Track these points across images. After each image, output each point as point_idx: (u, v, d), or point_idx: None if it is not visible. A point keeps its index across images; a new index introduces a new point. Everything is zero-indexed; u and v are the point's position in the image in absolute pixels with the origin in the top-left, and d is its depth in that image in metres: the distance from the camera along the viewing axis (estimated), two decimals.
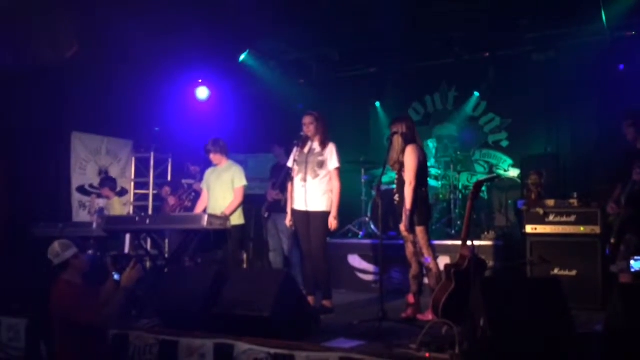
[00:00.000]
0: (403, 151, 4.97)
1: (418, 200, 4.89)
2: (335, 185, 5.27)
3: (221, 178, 5.91)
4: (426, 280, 5.11)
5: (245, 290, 4.27)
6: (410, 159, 4.90)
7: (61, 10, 5.24)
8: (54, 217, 6.69)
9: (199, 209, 5.99)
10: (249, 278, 4.59)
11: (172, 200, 7.53)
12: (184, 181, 7.81)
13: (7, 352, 4.75)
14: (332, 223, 5.22)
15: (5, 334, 4.79)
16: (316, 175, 5.25)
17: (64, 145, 8.03)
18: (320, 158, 5.28)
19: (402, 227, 4.95)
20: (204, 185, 6.11)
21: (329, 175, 5.27)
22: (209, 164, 6.17)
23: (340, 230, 7.71)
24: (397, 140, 5.02)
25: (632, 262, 4.33)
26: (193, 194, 7.30)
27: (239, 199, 5.81)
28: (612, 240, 4.66)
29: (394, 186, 5.31)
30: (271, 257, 6.63)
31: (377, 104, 9.28)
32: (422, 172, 4.99)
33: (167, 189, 7.89)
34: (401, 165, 4.99)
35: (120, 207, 7.61)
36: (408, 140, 5.00)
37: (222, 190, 5.86)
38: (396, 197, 5.10)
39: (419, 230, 4.90)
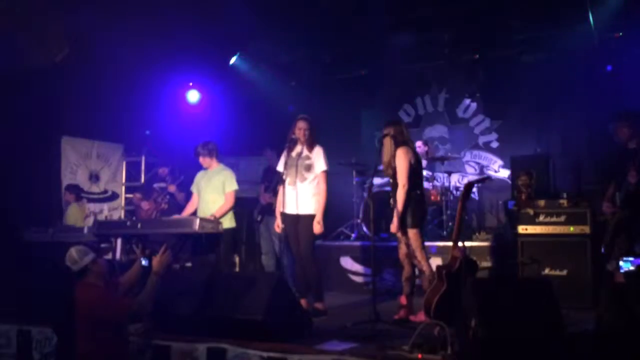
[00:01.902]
0: (395, 154, 4.98)
1: (411, 202, 4.90)
2: (322, 188, 5.27)
3: (212, 182, 5.89)
4: (419, 282, 5.14)
5: (237, 293, 4.27)
6: (401, 161, 4.92)
7: (51, 14, 5.22)
8: (44, 221, 6.66)
9: (187, 213, 5.97)
10: (241, 281, 4.58)
11: (146, 205, 7.49)
12: (155, 185, 7.77)
13: None
14: (316, 227, 5.21)
15: None
16: (304, 179, 5.26)
17: (54, 150, 7.99)
18: (307, 162, 5.28)
19: (392, 228, 4.95)
20: (193, 189, 6.08)
21: (317, 178, 5.28)
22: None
23: (332, 233, 7.73)
24: (388, 144, 5.03)
25: (621, 262, 4.37)
26: (168, 196, 7.28)
27: (230, 203, 5.80)
28: (607, 240, 4.68)
29: (387, 188, 5.33)
30: (263, 260, 6.63)
31: (366, 106, 9.32)
32: (414, 174, 5.00)
33: (137, 195, 7.84)
34: (394, 169, 5.00)
35: (76, 214, 7.40)
36: (399, 143, 5.02)
37: (213, 194, 5.84)
38: (391, 200, 5.12)
39: (412, 232, 4.91)
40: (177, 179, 7.41)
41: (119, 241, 7.07)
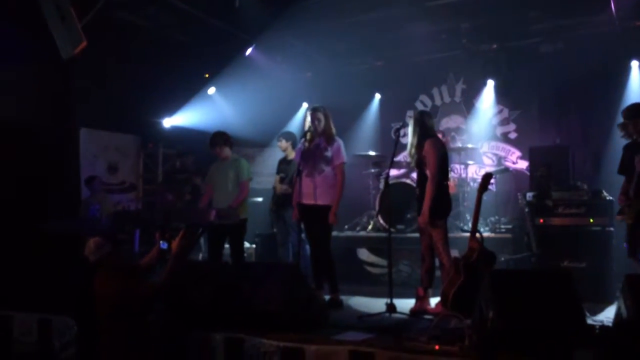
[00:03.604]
0: (420, 145, 4.95)
1: (440, 193, 4.88)
2: (339, 180, 5.27)
3: (226, 172, 5.93)
4: (439, 273, 5.12)
5: (253, 284, 4.29)
6: (430, 153, 4.88)
7: (69, 6, 5.24)
8: (63, 213, 6.72)
9: (203, 204, 6.02)
10: (258, 272, 4.60)
11: (170, 197, 7.54)
12: (179, 176, 7.80)
13: (20, 347, 4.80)
14: (331, 218, 5.22)
15: (18, 329, 4.84)
16: (322, 171, 5.26)
17: (73, 141, 8.05)
18: (326, 154, 5.28)
19: (421, 219, 4.92)
20: (209, 180, 6.12)
21: (335, 170, 5.28)
22: (205, 156, 6.17)
23: (349, 224, 7.72)
24: (413, 135, 5.02)
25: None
26: (190, 187, 7.30)
27: (245, 192, 5.84)
28: (627, 232, 4.61)
29: (404, 179, 5.29)
30: (280, 251, 6.63)
31: (383, 97, 9.29)
32: (443, 165, 4.98)
33: (161, 187, 7.89)
34: (420, 159, 4.97)
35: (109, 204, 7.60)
36: (426, 134, 4.98)
37: (227, 184, 5.88)
38: (417, 190, 5.10)
39: (438, 223, 4.89)
40: (201, 170, 7.44)
41: (136, 232, 7.14)
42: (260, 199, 7.93)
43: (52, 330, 4.67)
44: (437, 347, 3.50)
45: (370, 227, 7.54)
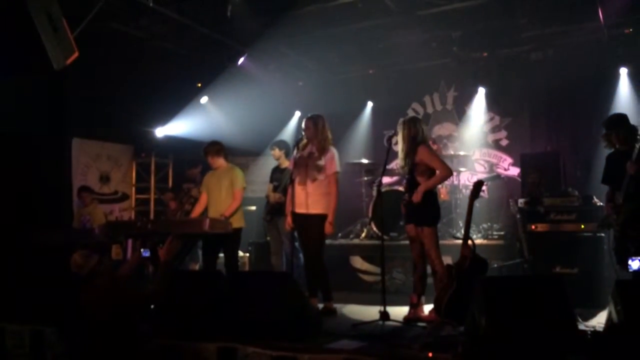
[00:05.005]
0: (412, 151, 4.96)
1: (431, 200, 4.90)
2: (333, 189, 5.28)
3: (220, 181, 5.94)
4: (431, 281, 5.13)
5: (247, 293, 4.28)
6: (428, 156, 4.90)
7: (61, 17, 5.25)
8: (55, 223, 6.70)
9: (196, 213, 6.02)
10: (251, 281, 4.60)
11: (173, 205, 7.58)
12: (184, 185, 7.84)
13: (12, 359, 4.76)
14: (328, 228, 5.22)
15: (10, 341, 4.80)
16: (314, 179, 5.26)
17: (65, 151, 8.04)
18: (318, 162, 5.29)
19: (415, 197, 4.89)
20: (203, 189, 6.13)
21: (328, 179, 5.29)
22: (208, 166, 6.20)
23: (342, 232, 7.73)
24: (403, 141, 5.03)
25: (629, 261, 4.33)
26: (192, 198, 7.32)
27: (238, 200, 5.85)
28: (616, 239, 4.64)
29: (397, 187, 5.31)
30: (273, 259, 6.62)
31: (375, 105, 9.32)
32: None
33: (169, 195, 7.93)
34: (411, 166, 4.98)
35: (100, 214, 7.69)
36: (418, 140, 5.00)
37: (222, 194, 5.88)
38: (406, 196, 5.09)
39: (429, 230, 4.89)
40: None
41: (129, 241, 7.13)
42: (253, 208, 7.93)
43: (44, 341, 4.64)
44: (430, 354, 3.50)
45: (363, 234, 7.55)
